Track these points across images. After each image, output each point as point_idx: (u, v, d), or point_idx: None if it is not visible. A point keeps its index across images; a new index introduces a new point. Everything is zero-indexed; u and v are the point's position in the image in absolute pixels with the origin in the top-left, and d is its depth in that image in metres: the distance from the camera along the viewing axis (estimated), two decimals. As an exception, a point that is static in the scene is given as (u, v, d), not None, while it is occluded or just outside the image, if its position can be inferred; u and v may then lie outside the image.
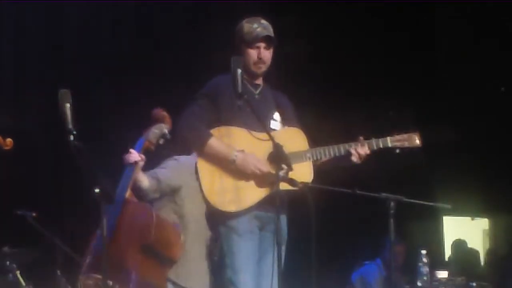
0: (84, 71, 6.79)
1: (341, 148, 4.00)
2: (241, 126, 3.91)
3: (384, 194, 4.31)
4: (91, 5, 6.92)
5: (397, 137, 4.09)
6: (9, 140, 4.27)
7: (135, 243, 4.07)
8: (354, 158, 3.98)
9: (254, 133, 3.87)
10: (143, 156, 4.20)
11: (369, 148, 4.02)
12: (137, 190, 4.27)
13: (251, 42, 4.01)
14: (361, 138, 4.02)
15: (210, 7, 7.26)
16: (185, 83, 6.63)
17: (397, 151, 4.09)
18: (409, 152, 4.12)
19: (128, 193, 4.16)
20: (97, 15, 7.00)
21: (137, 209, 4.19)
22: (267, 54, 4.04)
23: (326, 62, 7.58)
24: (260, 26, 4.03)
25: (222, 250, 3.92)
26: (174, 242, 4.15)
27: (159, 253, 4.10)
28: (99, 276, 3.83)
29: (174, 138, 4.08)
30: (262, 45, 4.02)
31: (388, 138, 4.07)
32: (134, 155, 4.12)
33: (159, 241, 4.08)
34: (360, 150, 3.97)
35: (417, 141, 4.13)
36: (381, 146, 4.05)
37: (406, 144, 4.10)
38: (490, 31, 7.92)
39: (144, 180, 4.20)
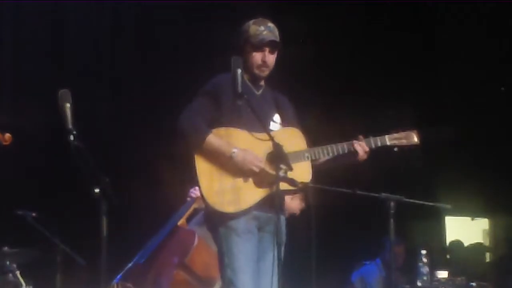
0: (84, 71, 6.79)
1: (339, 147, 3.98)
2: (241, 126, 3.90)
3: (384, 194, 4.32)
4: (92, 4, 6.92)
5: (395, 135, 4.07)
6: (8, 135, 4.23)
7: (173, 261, 4.32)
8: (360, 153, 3.96)
9: (253, 133, 3.86)
10: None
11: (367, 146, 4.01)
12: (200, 205, 4.69)
13: (256, 45, 3.98)
14: (360, 136, 4.00)
15: (212, 7, 7.26)
16: (185, 82, 6.63)
17: (395, 149, 4.07)
18: (409, 151, 4.11)
19: (181, 222, 4.68)
20: (97, 15, 6.99)
21: (183, 233, 4.56)
22: (271, 58, 4.02)
23: (325, 62, 7.58)
24: (266, 30, 4.00)
25: (221, 250, 3.91)
26: (212, 267, 4.36)
27: (196, 273, 4.32)
28: (130, 286, 4.06)
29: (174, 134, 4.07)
30: (267, 49, 3.99)
31: (386, 136, 4.05)
32: (196, 191, 4.65)
33: (197, 262, 4.35)
34: (363, 146, 3.97)
35: (415, 139, 4.09)
36: (379, 144, 4.03)
37: (404, 142, 4.07)
38: (490, 31, 7.93)
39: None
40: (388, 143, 4.05)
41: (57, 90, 3.41)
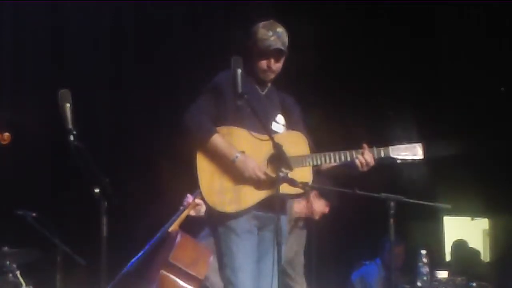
0: (84, 71, 6.78)
1: (342, 155, 3.95)
2: (243, 125, 3.89)
3: (384, 194, 4.30)
4: (92, 4, 6.92)
5: (400, 147, 4.04)
6: (6, 134, 4.21)
7: (161, 261, 4.38)
8: (359, 167, 3.94)
9: (254, 133, 3.86)
10: (197, 201, 4.74)
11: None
12: (197, 212, 4.88)
13: (263, 50, 3.96)
14: (364, 145, 3.97)
15: (212, 7, 7.26)
16: (185, 82, 6.63)
17: (398, 161, 4.04)
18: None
19: (172, 228, 4.75)
20: (97, 15, 6.99)
21: (172, 235, 4.66)
22: (277, 65, 4.00)
23: (326, 64, 7.57)
24: (274, 35, 3.95)
25: (221, 250, 3.91)
26: (199, 262, 4.45)
27: (183, 270, 4.36)
28: None
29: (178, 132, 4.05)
30: (273, 55, 3.97)
31: (390, 148, 4.01)
32: (188, 199, 4.82)
33: (182, 259, 4.41)
34: (366, 157, 3.94)
35: (420, 152, 4.06)
36: (382, 155, 3.99)
37: (408, 155, 4.03)
38: (490, 31, 7.92)
39: (203, 206, 4.61)
40: (391, 155, 4.01)
41: (57, 90, 3.41)
